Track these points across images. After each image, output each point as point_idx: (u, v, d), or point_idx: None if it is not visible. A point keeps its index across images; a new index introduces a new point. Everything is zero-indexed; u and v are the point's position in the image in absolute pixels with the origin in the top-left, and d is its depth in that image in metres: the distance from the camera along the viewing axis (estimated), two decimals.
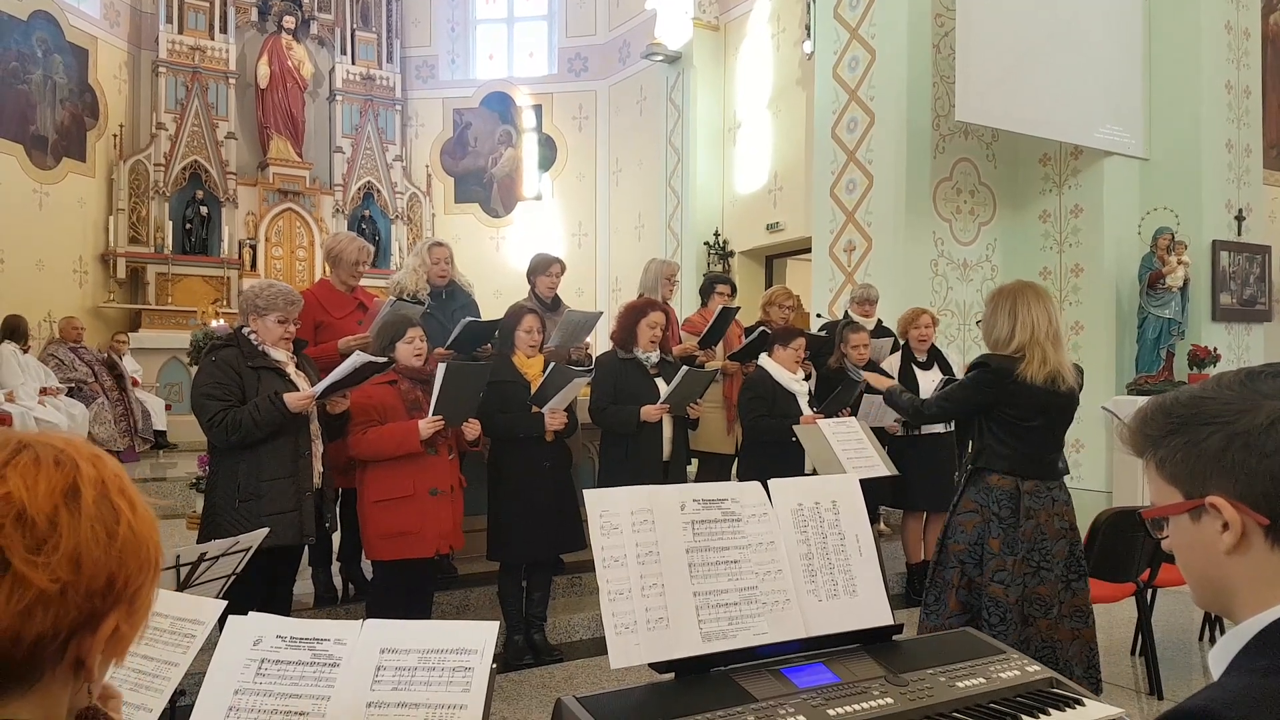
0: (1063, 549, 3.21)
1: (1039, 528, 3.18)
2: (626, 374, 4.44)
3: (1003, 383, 3.18)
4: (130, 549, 0.74)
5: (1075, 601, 3.21)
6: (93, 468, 0.75)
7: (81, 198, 11.19)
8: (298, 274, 12.21)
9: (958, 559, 3.26)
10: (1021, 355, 3.16)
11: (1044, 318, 3.19)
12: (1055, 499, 3.24)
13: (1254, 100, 7.50)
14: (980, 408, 3.27)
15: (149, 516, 0.78)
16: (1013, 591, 3.15)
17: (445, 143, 13.73)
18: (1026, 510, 3.19)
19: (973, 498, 3.27)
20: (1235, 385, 0.94)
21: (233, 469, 3.52)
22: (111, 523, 0.73)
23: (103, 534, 0.72)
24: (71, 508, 0.72)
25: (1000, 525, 3.20)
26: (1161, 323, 6.91)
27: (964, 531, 3.26)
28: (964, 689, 1.62)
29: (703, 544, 1.67)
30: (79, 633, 0.72)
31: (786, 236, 9.80)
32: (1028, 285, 3.30)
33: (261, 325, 3.62)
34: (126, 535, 0.74)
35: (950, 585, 3.26)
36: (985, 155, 7.58)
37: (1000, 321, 3.23)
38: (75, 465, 0.74)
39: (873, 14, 7.34)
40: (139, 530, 0.76)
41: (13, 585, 0.68)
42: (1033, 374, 3.13)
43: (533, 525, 4.07)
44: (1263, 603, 0.90)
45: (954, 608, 3.24)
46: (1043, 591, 3.16)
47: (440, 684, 1.41)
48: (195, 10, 12.04)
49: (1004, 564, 3.17)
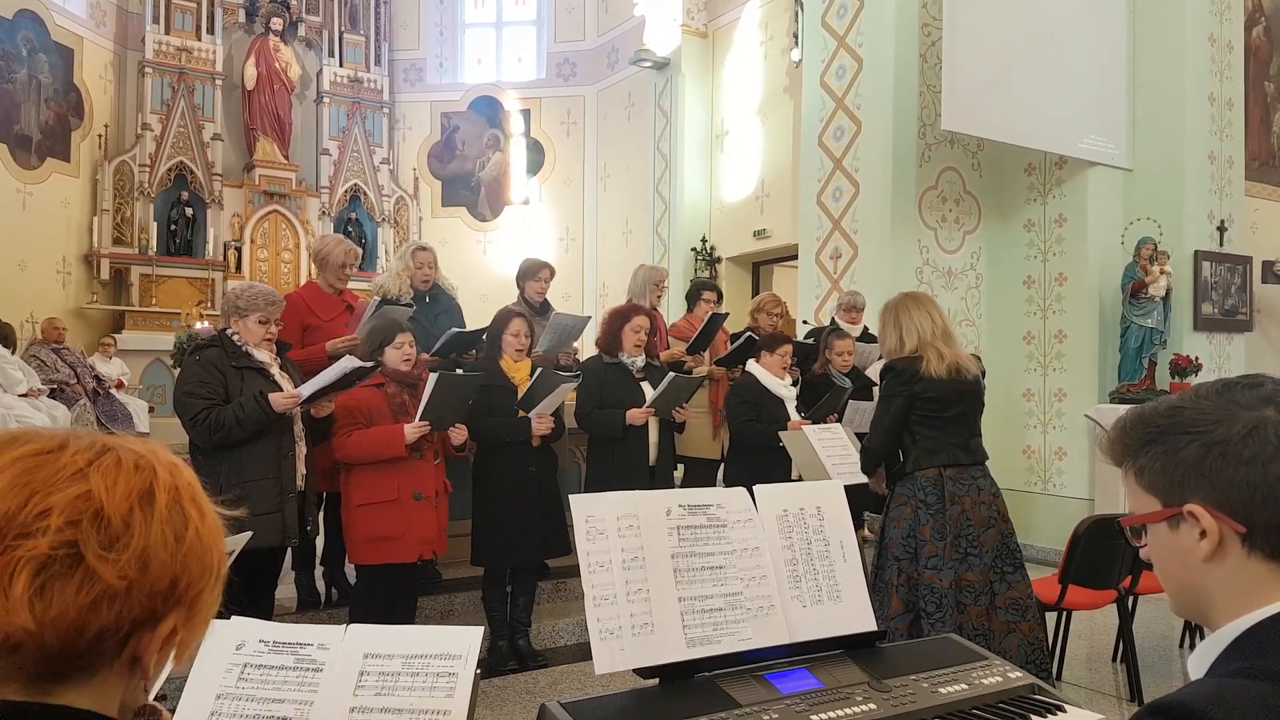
0: (992, 538, 3.28)
1: (964, 514, 3.27)
2: (611, 379, 4.44)
3: (911, 377, 3.33)
4: (195, 555, 0.78)
5: (1010, 594, 3.26)
6: (169, 475, 0.79)
7: (65, 198, 11.11)
8: (283, 276, 12.15)
9: (894, 556, 3.34)
10: (919, 356, 3.33)
11: (927, 321, 3.37)
12: (980, 487, 3.33)
13: (1236, 112, 7.59)
14: (904, 409, 3.37)
15: (217, 526, 0.82)
16: (945, 576, 3.22)
17: (433, 146, 13.70)
18: (950, 496, 3.29)
19: (900, 491, 3.39)
20: (1213, 395, 0.96)
21: (215, 469, 3.50)
22: (180, 528, 0.77)
23: (171, 538, 0.76)
24: (145, 510, 0.76)
25: (928, 511, 3.29)
26: (1144, 332, 6.97)
27: (896, 526, 3.35)
28: (947, 695, 1.63)
29: (688, 549, 1.68)
30: (139, 630, 0.75)
31: (773, 243, 9.83)
32: (908, 295, 3.51)
33: (243, 326, 3.60)
34: (193, 541, 0.78)
35: (891, 585, 3.33)
36: (971, 164, 7.63)
37: (888, 334, 3.45)
38: (153, 471, 0.78)
39: (860, 23, 7.38)
40: (205, 538, 0.80)
41: (83, 578, 0.72)
42: (934, 369, 3.30)
43: (518, 530, 4.06)
44: (1239, 610, 0.91)
45: (896, 607, 3.30)
46: (971, 578, 3.24)
47: (424, 689, 1.40)
48: (182, 11, 11.99)
49: (936, 549, 3.25)
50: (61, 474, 0.74)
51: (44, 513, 0.72)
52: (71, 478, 0.74)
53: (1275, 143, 8.84)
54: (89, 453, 0.77)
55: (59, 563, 0.71)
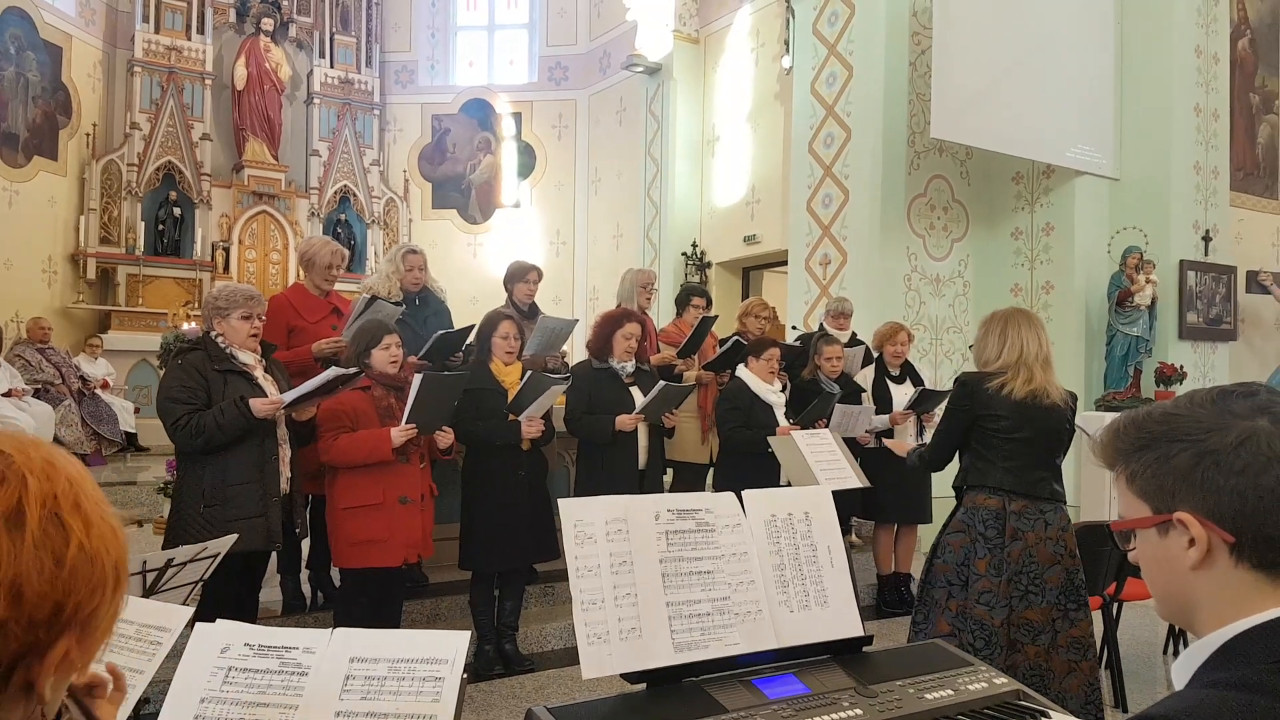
0: (1058, 575, 3.12)
1: (1028, 550, 3.11)
2: (601, 384, 4.43)
3: (975, 394, 3.21)
4: (81, 573, 0.68)
5: (1073, 632, 3.11)
6: (43, 480, 0.68)
7: (52, 197, 11.02)
8: (271, 277, 12.09)
9: (945, 579, 3.22)
10: (1001, 372, 3.20)
11: (1034, 341, 3.23)
12: (1048, 522, 3.15)
13: (1222, 124, 7.66)
14: (966, 425, 3.27)
15: (107, 531, 0.72)
16: (998, 614, 3.09)
17: (423, 148, 13.68)
18: (1013, 531, 3.13)
19: (960, 518, 3.26)
20: (1207, 404, 0.96)
21: (199, 474, 3.47)
22: (60, 546, 0.67)
23: (49, 561, 0.66)
24: (14, 534, 0.66)
25: (986, 545, 3.15)
26: (1129, 340, 7.02)
27: (951, 551, 3.24)
28: (932, 700, 1.63)
29: (676, 554, 1.67)
30: (24, 660, 0.67)
31: (763, 249, 9.86)
32: (1020, 311, 3.36)
33: (226, 326, 3.58)
34: (76, 558, 0.68)
35: (939, 605, 3.22)
36: (959, 173, 7.68)
37: (990, 343, 3.29)
38: (22, 480, 0.67)
39: (851, 31, 7.42)
40: (92, 550, 0.69)
41: None
42: (1014, 388, 3.15)
43: (506, 534, 4.05)
44: (1225, 618, 0.91)
45: (943, 629, 3.16)
46: (1031, 617, 3.09)
47: (410, 694, 1.40)
48: (172, 10, 11.93)
49: (990, 585, 3.12)
50: None
51: None
52: None
53: (1260, 153, 8.92)
54: None
55: None
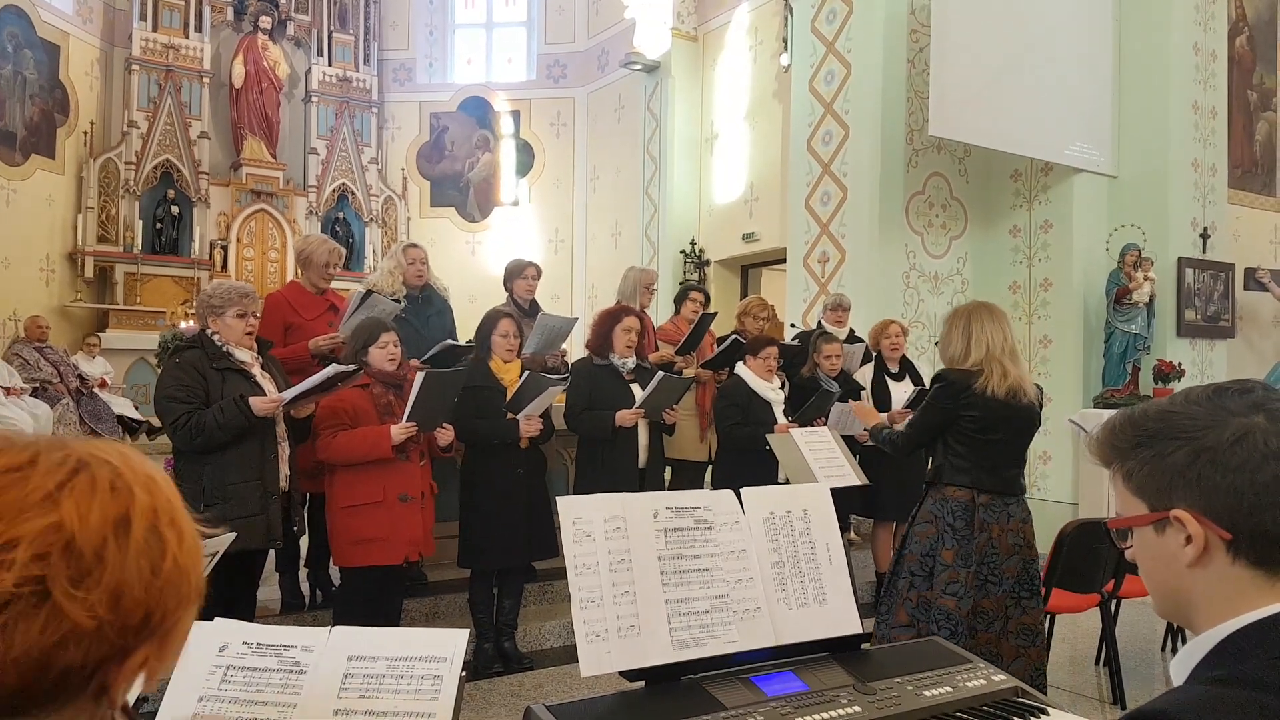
0: (1014, 566, 3.22)
1: (991, 541, 3.20)
2: (601, 380, 4.43)
3: (960, 394, 3.22)
4: (172, 585, 0.72)
5: (1024, 619, 3.22)
6: (147, 494, 0.73)
7: (50, 195, 11.01)
8: (269, 275, 12.07)
9: (909, 570, 3.28)
10: (980, 370, 3.21)
11: (999, 335, 3.24)
12: (1011, 514, 3.25)
13: (1220, 121, 7.66)
14: (944, 423, 3.29)
15: (195, 547, 0.76)
16: (964, 604, 3.17)
17: (422, 146, 13.66)
18: (980, 523, 3.21)
19: (929, 509, 3.31)
20: (1203, 401, 0.96)
21: (197, 472, 3.47)
22: (158, 558, 0.71)
23: (147, 570, 0.70)
24: (120, 541, 0.69)
25: (954, 537, 3.22)
26: (1127, 337, 7.02)
27: (918, 542, 3.30)
28: (931, 698, 1.63)
29: (675, 552, 1.67)
30: (107, 664, 0.70)
31: (762, 247, 9.86)
32: (982, 305, 3.36)
33: (221, 324, 3.57)
34: (170, 570, 0.72)
35: (900, 596, 3.29)
36: (957, 170, 7.67)
37: (955, 339, 3.30)
38: (130, 493, 0.72)
39: (849, 29, 7.41)
40: (184, 563, 0.74)
41: (49, 617, 0.66)
42: (993, 387, 3.17)
43: (506, 531, 4.05)
44: (1222, 615, 0.91)
45: (901, 619, 3.25)
46: (987, 605, 3.18)
47: (409, 692, 1.40)
48: (170, 8, 11.91)
49: (956, 575, 3.19)
50: (31, 497, 0.68)
51: (10, 543, 0.66)
52: (42, 503, 0.68)
53: (1258, 151, 8.93)
54: (61, 471, 0.70)
55: (24, 600, 0.65)
